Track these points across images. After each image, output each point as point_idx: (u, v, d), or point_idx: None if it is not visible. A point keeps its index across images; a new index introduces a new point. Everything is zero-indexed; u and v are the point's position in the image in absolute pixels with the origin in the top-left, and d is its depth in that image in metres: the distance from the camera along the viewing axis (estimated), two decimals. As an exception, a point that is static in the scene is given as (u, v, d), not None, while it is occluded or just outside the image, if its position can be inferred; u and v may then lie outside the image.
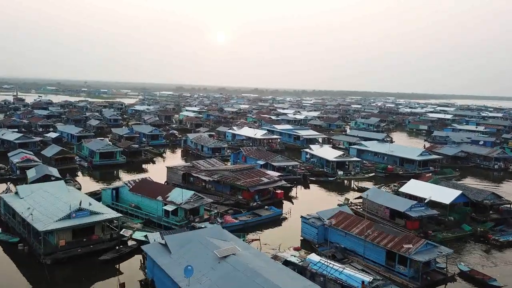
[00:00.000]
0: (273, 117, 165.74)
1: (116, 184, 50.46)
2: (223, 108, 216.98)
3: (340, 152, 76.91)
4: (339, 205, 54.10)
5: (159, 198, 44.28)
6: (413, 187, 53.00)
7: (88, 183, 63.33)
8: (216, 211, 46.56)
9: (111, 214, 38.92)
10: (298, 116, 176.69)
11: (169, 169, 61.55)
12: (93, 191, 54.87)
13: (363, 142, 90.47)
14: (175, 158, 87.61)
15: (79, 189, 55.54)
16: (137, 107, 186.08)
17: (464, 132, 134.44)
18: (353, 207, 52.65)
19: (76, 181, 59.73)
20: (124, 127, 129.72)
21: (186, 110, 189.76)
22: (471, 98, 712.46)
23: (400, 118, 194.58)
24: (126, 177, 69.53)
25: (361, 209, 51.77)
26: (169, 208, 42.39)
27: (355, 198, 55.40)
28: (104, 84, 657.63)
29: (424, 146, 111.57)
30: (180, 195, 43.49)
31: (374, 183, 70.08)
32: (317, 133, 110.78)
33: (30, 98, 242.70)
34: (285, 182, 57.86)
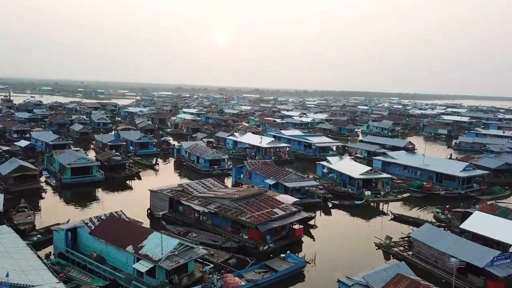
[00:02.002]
0: (277, 120, 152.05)
1: (75, 222, 36.61)
2: (223, 109, 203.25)
3: (366, 167, 62.96)
4: (378, 245, 40.60)
5: (130, 248, 30.51)
6: (480, 223, 39.09)
7: (51, 211, 49.49)
8: (212, 264, 32.72)
9: (47, 286, 25.08)
10: (305, 119, 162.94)
11: (153, 193, 47.74)
12: (52, 225, 41.24)
13: (388, 153, 76.47)
14: (165, 173, 73.71)
15: (31, 223, 41.85)
16: (131, 109, 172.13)
17: (491, 138, 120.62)
18: (397, 249, 39.03)
19: (32, 210, 45.85)
20: (114, 132, 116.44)
21: (184, 112, 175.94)
22: (472, 99, 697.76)
23: (413, 121, 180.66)
24: (104, 198, 56.16)
25: (411, 254, 38.04)
26: (142, 267, 28.60)
27: (402, 238, 41.48)
28: (103, 84, 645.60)
29: (451, 155, 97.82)
30: (158, 245, 29.74)
31: (410, 206, 56.37)
32: (331, 141, 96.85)
33: (22, 99, 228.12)
34: (307, 213, 43.91)
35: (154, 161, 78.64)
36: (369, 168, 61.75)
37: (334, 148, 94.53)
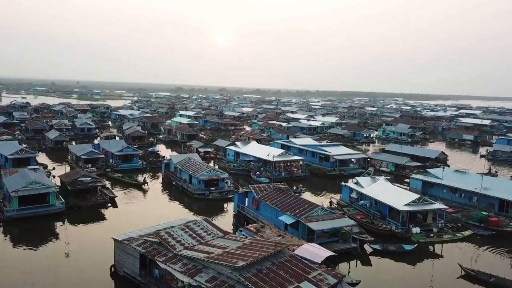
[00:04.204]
0: (283, 124, 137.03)
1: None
2: (224, 112, 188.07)
3: (412, 194, 47.62)
4: None
5: None
6: None
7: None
8: None
9: None
10: (313, 123, 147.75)
11: (119, 245, 32.63)
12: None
13: (429, 171, 61.08)
14: (150, 197, 58.38)
15: None
16: (122, 112, 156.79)
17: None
18: None
19: None
20: (99, 138, 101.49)
21: (180, 115, 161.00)
22: (475, 99, 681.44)
23: (431, 125, 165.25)
24: (60, 240, 40.92)
25: None
26: None
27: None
28: (101, 84, 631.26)
29: (490, 168, 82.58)
30: None
31: (476, 251, 41.19)
32: (352, 151, 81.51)
33: (10, 100, 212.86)
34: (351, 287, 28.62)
35: (142, 179, 63.31)
36: (417, 196, 46.31)
37: (354, 160, 79.38)
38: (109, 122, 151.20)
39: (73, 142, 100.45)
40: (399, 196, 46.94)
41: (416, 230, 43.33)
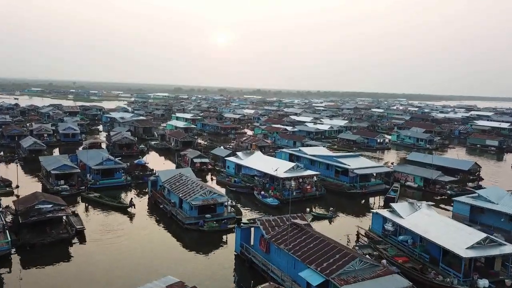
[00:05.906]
0: (288, 128, 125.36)
1: None
2: (223, 114, 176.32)
3: (476, 232, 35.50)
4: None
5: None
6: None
7: None
8: None
9: None
10: (321, 126, 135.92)
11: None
12: None
13: (479, 192, 49.09)
14: (128, 228, 46.75)
15: None
16: (113, 114, 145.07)
17: None
18: None
19: None
20: (83, 146, 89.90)
21: (177, 118, 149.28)
22: (476, 99, 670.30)
23: (447, 128, 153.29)
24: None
25: None
26: None
27: None
28: (100, 85, 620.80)
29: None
30: None
31: None
32: (374, 164, 69.66)
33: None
34: None
35: (128, 200, 51.42)
36: (482, 235, 34.38)
37: (375, 174, 67.48)
38: (100, 126, 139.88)
39: (56, 151, 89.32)
40: (454, 233, 35.25)
41: (484, 283, 31.73)
